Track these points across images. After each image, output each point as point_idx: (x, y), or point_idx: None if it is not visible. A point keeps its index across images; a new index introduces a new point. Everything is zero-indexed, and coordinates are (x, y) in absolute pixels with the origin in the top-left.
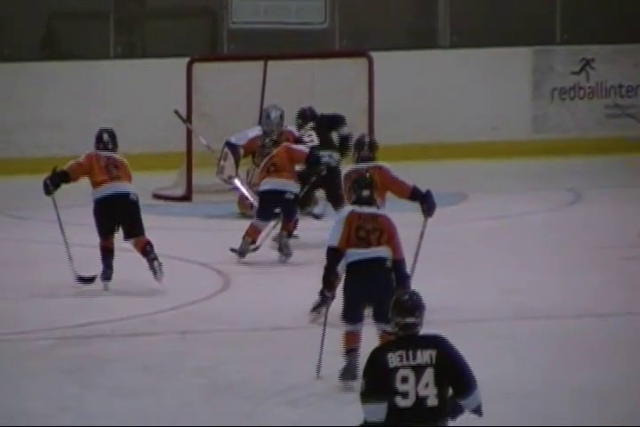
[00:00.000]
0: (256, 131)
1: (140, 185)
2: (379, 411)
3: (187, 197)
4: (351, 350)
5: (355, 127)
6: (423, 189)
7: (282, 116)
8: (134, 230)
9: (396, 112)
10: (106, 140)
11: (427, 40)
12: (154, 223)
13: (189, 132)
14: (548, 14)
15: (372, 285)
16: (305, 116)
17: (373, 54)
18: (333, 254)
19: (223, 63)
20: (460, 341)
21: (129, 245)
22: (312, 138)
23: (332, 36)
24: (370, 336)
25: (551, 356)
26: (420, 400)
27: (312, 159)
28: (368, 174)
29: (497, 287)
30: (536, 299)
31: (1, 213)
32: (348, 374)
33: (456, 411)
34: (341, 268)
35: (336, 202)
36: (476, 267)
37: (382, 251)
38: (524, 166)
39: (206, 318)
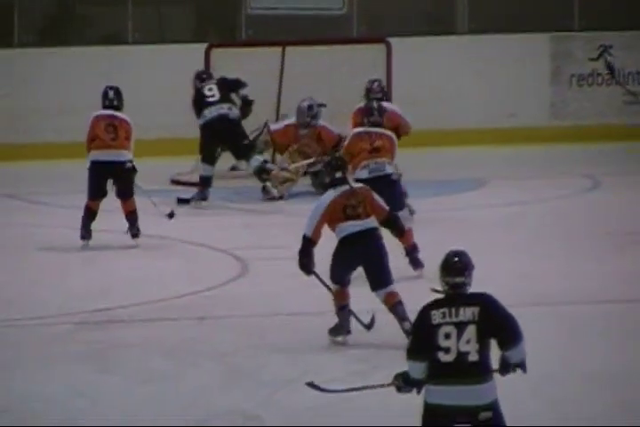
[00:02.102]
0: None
1: (158, 171)
2: (419, 370)
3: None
4: (342, 307)
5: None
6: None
7: (310, 107)
8: (124, 193)
9: (413, 98)
10: (111, 97)
11: (445, 26)
12: (172, 208)
13: None
14: (566, 0)
15: (366, 255)
16: (204, 76)
17: (391, 40)
18: (307, 243)
19: (241, 49)
20: None
21: (147, 230)
22: (213, 92)
23: (349, 21)
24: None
25: (566, 341)
26: (462, 356)
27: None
28: (339, 154)
29: (513, 273)
30: (552, 285)
31: (18, 198)
32: (336, 330)
33: (506, 367)
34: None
35: (237, 154)
36: (492, 253)
37: (371, 221)
38: (542, 153)
39: (224, 303)
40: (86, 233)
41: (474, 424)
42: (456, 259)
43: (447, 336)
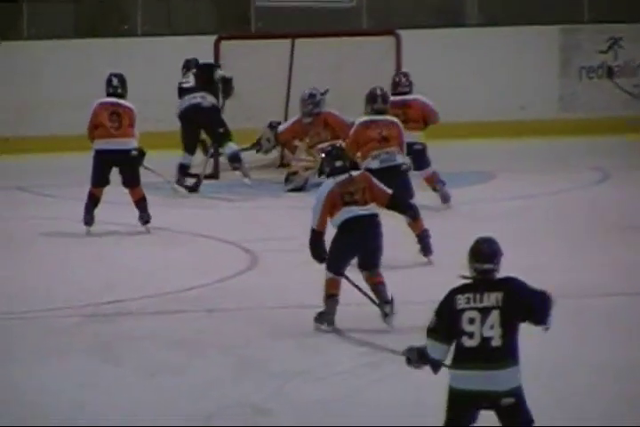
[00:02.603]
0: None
1: (166, 163)
2: (438, 350)
3: (213, 175)
4: (331, 296)
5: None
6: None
7: (312, 95)
8: (130, 181)
9: (422, 90)
10: (115, 84)
11: (454, 18)
12: (180, 201)
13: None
14: None
15: (363, 241)
16: (189, 65)
17: (401, 33)
18: (315, 235)
19: (250, 41)
20: None
21: (156, 222)
22: (188, 80)
23: (359, 14)
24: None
25: (572, 334)
26: (485, 341)
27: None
28: (340, 145)
29: (521, 266)
30: (559, 277)
31: (25, 191)
32: (322, 318)
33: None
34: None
35: (215, 139)
36: (501, 246)
37: (371, 208)
38: (552, 145)
39: (234, 295)
40: (90, 219)
41: (496, 410)
42: (485, 246)
43: (471, 321)
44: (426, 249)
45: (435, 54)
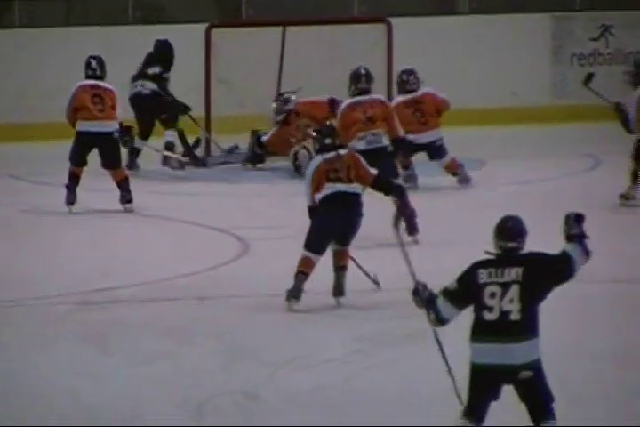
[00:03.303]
0: None
1: (158, 149)
2: (447, 310)
3: (205, 163)
4: (301, 273)
5: (373, 93)
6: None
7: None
8: (112, 163)
9: None
10: (94, 66)
11: (446, 6)
12: (171, 189)
13: (208, 98)
14: None
15: (341, 218)
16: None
17: (392, 20)
18: (312, 212)
19: (242, 29)
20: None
21: (147, 210)
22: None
23: (350, 1)
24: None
25: (573, 320)
26: (504, 315)
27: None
28: (330, 123)
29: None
30: None
31: (21, 180)
32: (290, 294)
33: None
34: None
35: (165, 123)
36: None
37: (355, 186)
38: (544, 132)
39: (226, 283)
40: (73, 198)
41: (515, 384)
42: (510, 224)
43: (492, 295)
44: (411, 228)
45: (426, 42)
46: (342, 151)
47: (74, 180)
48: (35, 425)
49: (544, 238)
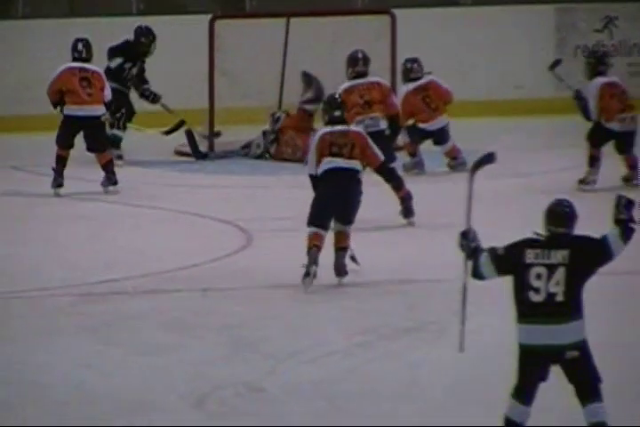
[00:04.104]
0: None
1: (161, 142)
2: (486, 268)
3: (208, 154)
4: (314, 246)
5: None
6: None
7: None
8: (97, 146)
9: None
10: (80, 49)
11: None
12: (175, 180)
13: (212, 90)
14: None
15: (340, 191)
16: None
17: (396, 12)
18: (314, 181)
19: (245, 20)
20: (481, 298)
21: (151, 202)
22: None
23: None
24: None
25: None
26: (550, 296)
27: None
28: (339, 95)
29: None
30: None
31: (21, 170)
32: (307, 268)
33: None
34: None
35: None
36: (499, 224)
37: (355, 163)
38: (548, 124)
39: (228, 275)
40: (60, 181)
41: (562, 365)
42: (560, 209)
43: (538, 277)
44: (407, 212)
45: (429, 34)
46: (353, 127)
47: (61, 162)
48: (37, 415)
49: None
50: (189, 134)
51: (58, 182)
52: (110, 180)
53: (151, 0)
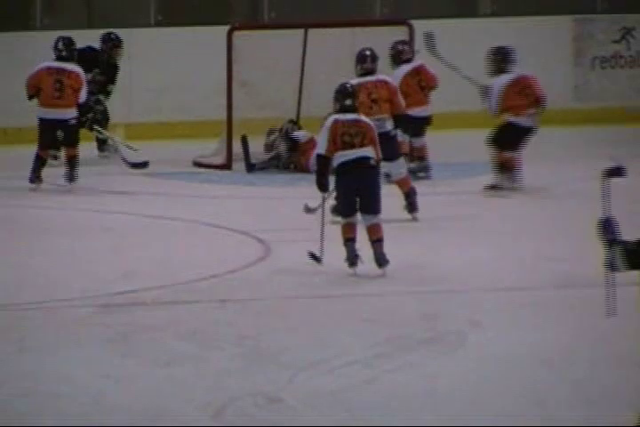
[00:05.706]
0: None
1: (180, 153)
2: (618, 260)
3: (227, 165)
4: (348, 240)
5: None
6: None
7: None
8: (68, 142)
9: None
10: (60, 47)
11: (468, 8)
12: (194, 191)
13: (230, 101)
14: None
15: (359, 181)
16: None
17: (414, 22)
18: (322, 160)
19: (263, 31)
20: (499, 308)
21: (169, 212)
22: None
23: (372, 3)
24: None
25: (592, 323)
26: None
27: None
28: (350, 85)
29: (536, 256)
30: (576, 267)
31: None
32: (349, 261)
33: None
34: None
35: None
36: (516, 235)
37: (366, 151)
38: (565, 135)
39: (247, 286)
40: (36, 178)
41: None
42: None
43: None
44: (411, 207)
45: (448, 44)
46: (361, 118)
47: (39, 161)
48: (57, 426)
49: (565, 241)
50: (244, 142)
51: (32, 179)
52: (67, 175)
53: (169, 11)
